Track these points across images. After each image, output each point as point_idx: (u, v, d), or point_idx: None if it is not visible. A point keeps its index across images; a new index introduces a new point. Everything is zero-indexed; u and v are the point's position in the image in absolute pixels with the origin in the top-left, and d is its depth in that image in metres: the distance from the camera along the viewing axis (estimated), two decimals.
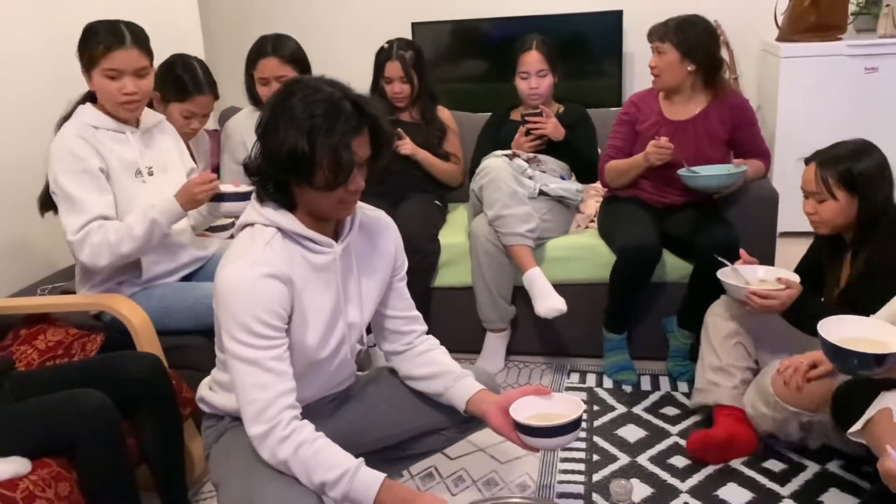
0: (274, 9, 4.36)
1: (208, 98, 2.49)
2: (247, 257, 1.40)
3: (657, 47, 2.55)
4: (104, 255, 1.98)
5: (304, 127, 1.33)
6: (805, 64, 3.58)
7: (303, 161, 1.34)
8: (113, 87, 1.99)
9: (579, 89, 3.78)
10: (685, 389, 2.49)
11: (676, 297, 2.56)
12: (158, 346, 1.98)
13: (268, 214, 1.45)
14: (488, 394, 1.58)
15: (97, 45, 1.97)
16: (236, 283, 1.38)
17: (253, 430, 1.39)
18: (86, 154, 1.98)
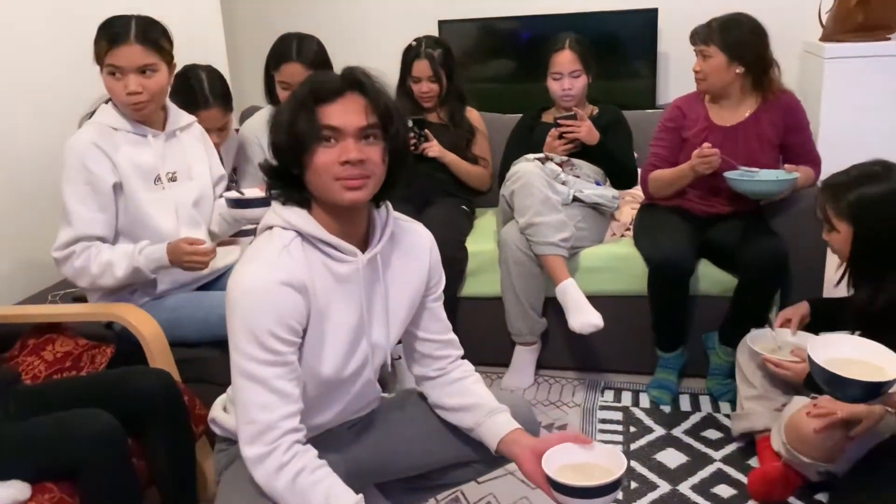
0: (297, 6, 4.25)
1: (215, 112, 2.36)
2: (260, 261, 1.29)
3: (701, 50, 2.40)
4: (84, 280, 1.92)
5: (290, 107, 1.30)
6: (851, 65, 3.40)
7: (290, 142, 1.29)
8: (118, 85, 1.88)
9: (611, 90, 3.63)
10: (727, 410, 2.35)
11: (718, 312, 2.41)
12: (171, 359, 1.87)
13: (287, 216, 1.33)
14: (523, 435, 1.42)
15: (102, 40, 1.87)
16: (247, 289, 1.26)
17: (249, 451, 1.27)
18: (96, 166, 1.88)
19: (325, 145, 1.28)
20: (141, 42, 1.87)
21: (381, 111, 1.31)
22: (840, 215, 1.80)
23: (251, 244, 1.37)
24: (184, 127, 2.09)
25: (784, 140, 2.42)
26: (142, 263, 1.88)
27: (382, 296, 1.43)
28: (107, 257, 1.88)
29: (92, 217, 1.88)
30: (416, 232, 1.51)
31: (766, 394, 2.06)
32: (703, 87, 2.44)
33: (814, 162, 2.47)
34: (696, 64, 2.42)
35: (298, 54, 2.49)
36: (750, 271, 2.26)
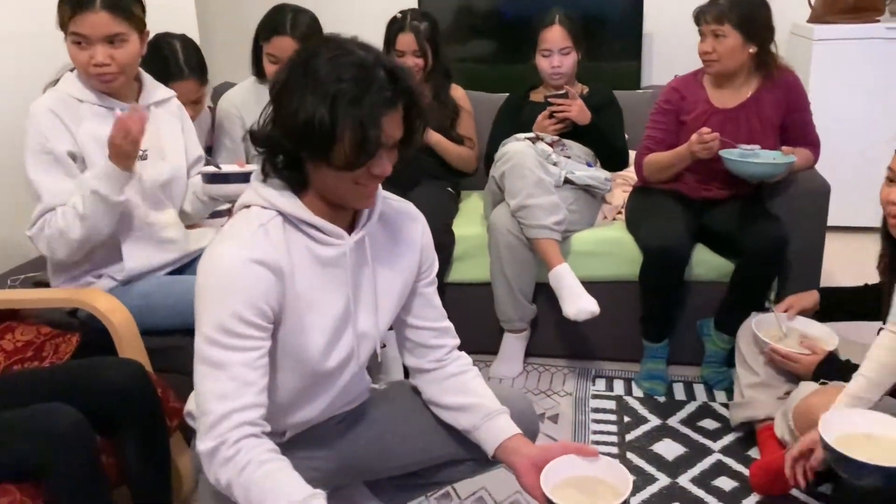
0: None
1: (190, 84, 2.21)
2: (232, 239, 1.19)
3: (714, 30, 2.26)
4: (60, 247, 1.74)
5: (329, 92, 1.11)
6: (840, 47, 3.36)
7: (322, 133, 1.11)
8: (83, 55, 1.72)
9: (596, 71, 3.52)
10: (723, 399, 2.28)
11: (713, 298, 2.34)
12: (142, 348, 1.74)
13: (268, 195, 1.22)
14: (523, 442, 1.32)
15: (65, 5, 1.70)
16: (216, 268, 1.16)
17: (201, 445, 1.15)
18: (52, 133, 1.72)
19: None
20: (109, 8, 1.70)
21: (414, 122, 1.21)
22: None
23: (228, 223, 1.26)
24: (160, 102, 1.93)
25: (784, 119, 2.35)
26: (94, 183, 1.68)
27: (371, 281, 1.32)
28: (69, 204, 1.71)
29: (60, 186, 1.73)
30: (406, 212, 1.40)
31: (768, 381, 1.99)
32: (716, 68, 2.31)
33: (813, 144, 2.40)
34: (706, 44, 2.28)
35: (293, 28, 2.34)
36: (749, 256, 2.19)
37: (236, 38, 2.48)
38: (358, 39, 1.19)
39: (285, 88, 1.15)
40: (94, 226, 1.72)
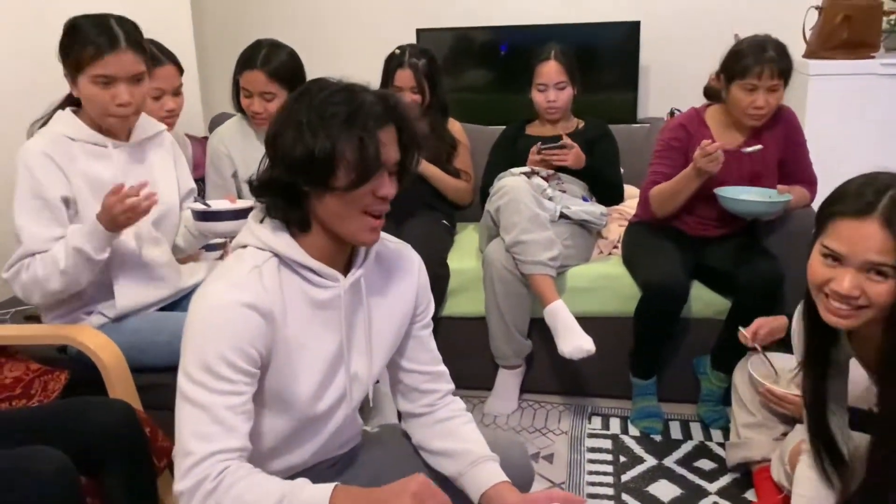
0: (272, 9, 4.11)
1: (170, 70, 2.20)
2: (225, 279, 1.18)
3: (773, 85, 2.20)
4: (36, 293, 1.73)
5: (323, 118, 1.14)
6: (835, 82, 3.36)
7: (322, 157, 1.13)
8: (104, 95, 1.72)
9: (592, 103, 3.55)
10: (720, 438, 2.26)
11: (709, 336, 2.33)
12: (132, 386, 1.73)
13: (263, 236, 1.21)
14: (508, 490, 1.28)
15: (86, 48, 1.68)
16: (206, 308, 1.15)
17: (179, 485, 1.12)
18: (47, 178, 1.71)
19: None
20: (133, 48, 1.72)
21: (408, 145, 1.22)
22: None
23: (222, 262, 1.25)
24: (152, 137, 1.93)
25: (783, 155, 2.35)
26: (78, 241, 1.67)
27: (365, 323, 1.31)
28: (50, 255, 1.70)
29: (43, 233, 1.71)
30: (402, 254, 1.39)
31: (765, 422, 1.97)
32: (760, 123, 2.27)
33: (810, 182, 2.40)
34: (761, 99, 2.20)
35: (263, 63, 2.32)
36: (745, 294, 2.18)
37: (232, 70, 2.48)
38: (345, 80, 1.21)
39: (280, 128, 1.17)
40: (73, 279, 1.72)
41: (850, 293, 1.28)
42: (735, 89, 2.23)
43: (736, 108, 2.26)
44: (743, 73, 2.19)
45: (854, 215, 1.26)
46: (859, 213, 1.26)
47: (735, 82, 2.22)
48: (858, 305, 1.29)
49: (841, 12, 3.32)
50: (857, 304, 1.29)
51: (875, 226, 1.24)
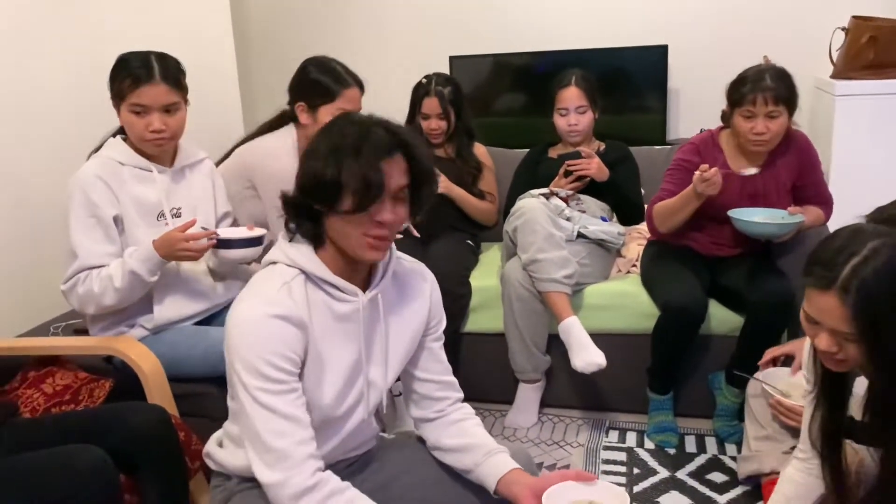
0: (312, 38, 4.30)
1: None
2: (259, 296, 1.31)
3: (770, 112, 2.25)
4: (91, 306, 1.91)
5: (334, 147, 1.28)
6: (862, 102, 3.38)
7: (330, 182, 1.27)
8: (140, 123, 1.91)
9: (623, 124, 3.65)
10: (733, 452, 2.30)
11: (724, 352, 2.38)
12: (169, 394, 1.87)
13: (292, 254, 1.35)
14: (522, 474, 1.39)
15: (125, 79, 1.89)
16: (243, 322, 1.28)
17: (268, 477, 1.26)
18: (99, 198, 1.90)
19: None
20: (165, 81, 1.91)
21: (418, 172, 1.34)
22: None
23: (253, 278, 1.38)
24: (193, 164, 2.11)
25: (797, 180, 2.40)
26: (134, 265, 1.86)
27: (382, 335, 1.43)
28: (105, 272, 1.88)
29: (97, 249, 1.90)
30: (417, 272, 1.52)
31: (775, 435, 2.01)
32: (766, 148, 2.32)
33: (825, 202, 2.44)
34: (760, 125, 2.26)
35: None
36: (757, 311, 2.23)
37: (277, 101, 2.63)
38: (373, 115, 1.35)
39: (303, 158, 1.34)
40: (126, 296, 1.90)
41: (829, 350, 1.35)
42: (736, 116, 2.30)
43: (739, 135, 2.33)
44: (741, 101, 2.27)
45: (817, 287, 1.31)
46: (821, 286, 1.30)
47: (736, 109, 2.30)
48: (839, 359, 1.36)
49: (867, 33, 3.34)
50: (838, 359, 1.36)
51: (834, 299, 1.28)
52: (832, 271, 1.28)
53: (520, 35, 4.00)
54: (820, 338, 1.35)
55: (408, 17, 4.15)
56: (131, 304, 1.96)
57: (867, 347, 1.29)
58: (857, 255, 1.27)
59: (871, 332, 1.27)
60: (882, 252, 1.26)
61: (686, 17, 3.83)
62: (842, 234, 1.34)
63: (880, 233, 1.30)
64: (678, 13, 3.83)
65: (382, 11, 4.18)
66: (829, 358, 1.38)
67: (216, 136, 3.15)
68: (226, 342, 1.30)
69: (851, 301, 1.26)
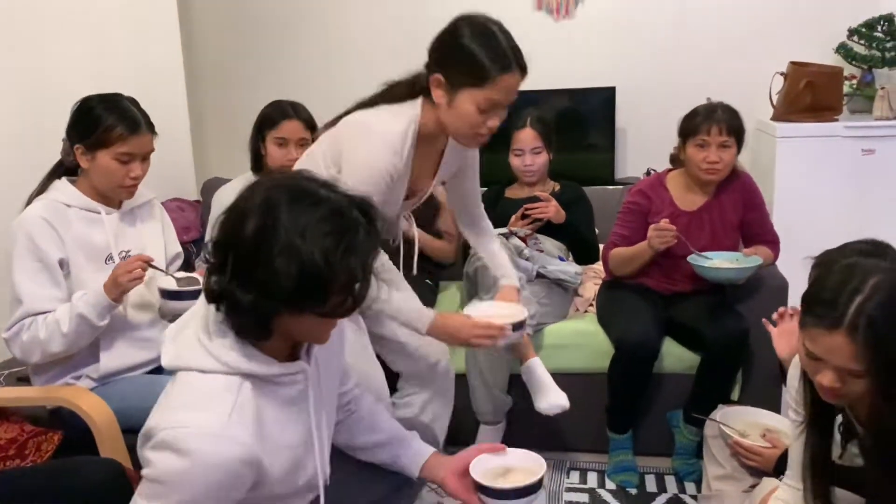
0: (264, 76, 4.26)
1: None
2: (211, 427, 1.10)
3: (723, 141, 2.35)
4: (35, 354, 1.84)
5: (319, 246, 1.09)
6: (802, 144, 3.52)
7: (316, 287, 1.10)
8: (122, 171, 1.90)
9: (574, 164, 3.70)
10: (693, 491, 2.32)
11: (682, 390, 2.41)
12: (123, 446, 1.79)
13: (227, 359, 1.16)
14: (440, 457, 1.50)
15: (112, 130, 1.86)
16: (202, 463, 1.09)
17: None
18: (45, 241, 1.83)
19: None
20: (149, 129, 1.93)
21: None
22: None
23: (177, 387, 1.19)
24: (142, 204, 2.06)
25: (743, 217, 2.48)
26: (83, 309, 1.80)
27: (319, 400, 1.33)
28: (52, 317, 1.82)
29: (43, 293, 1.83)
30: None
31: (734, 474, 2.03)
32: (718, 177, 2.41)
33: (772, 241, 2.52)
34: (713, 154, 2.36)
35: (296, 113, 2.61)
36: (712, 350, 2.28)
37: (227, 136, 2.62)
38: (307, 174, 1.20)
39: (256, 247, 1.10)
40: (74, 342, 1.84)
41: (832, 386, 1.34)
42: (690, 148, 2.39)
43: (692, 166, 2.41)
44: (695, 131, 2.37)
45: (823, 327, 1.29)
46: (827, 326, 1.28)
47: (689, 141, 2.39)
48: (840, 394, 1.36)
49: (804, 78, 3.50)
50: (840, 393, 1.36)
51: (841, 338, 1.27)
52: (836, 310, 1.27)
53: None
54: (824, 374, 1.34)
55: (364, 55, 4.16)
56: (77, 353, 1.88)
57: (877, 381, 1.30)
58: (860, 292, 1.27)
59: (883, 367, 1.27)
60: (883, 287, 1.27)
61: (633, 60, 3.95)
62: (835, 270, 1.33)
63: (877, 268, 1.31)
64: (625, 57, 3.95)
65: (338, 47, 4.18)
66: (830, 393, 1.37)
67: (166, 174, 3.09)
68: (158, 465, 1.13)
69: (861, 339, 1.25)
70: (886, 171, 3.45)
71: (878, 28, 3.63)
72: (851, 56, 3.65)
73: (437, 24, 1.78)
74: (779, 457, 1.93)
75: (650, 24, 3.93)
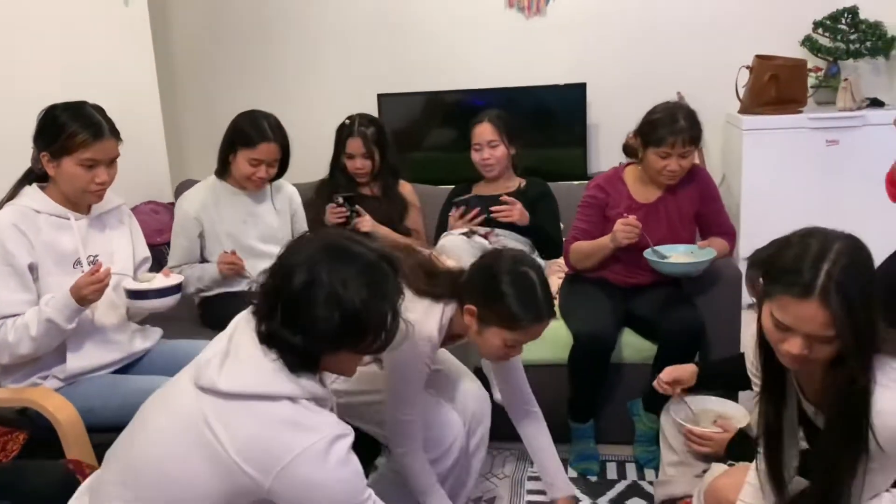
0: (241, 77, 4.32)
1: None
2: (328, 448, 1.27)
3: (685, 152, 2.39)
4: (4, 356, 1.89)
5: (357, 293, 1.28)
6: (768, 136, 3.59)
7: (355, 328, 1.30)
8: (86, 176, 1.93)
9: (547, 160, 3.78)
10: (652, 477, 2.38)
11: (642, 379, 2.46)
12: (88, 446, 1.85)
13: (309, 388, 1.33)
14: None
15: (75, 136, 1.90)
16: (343, 471, 1.29)
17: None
18: (14, 246, 1.88)
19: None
20: (113, 134, 1.96)
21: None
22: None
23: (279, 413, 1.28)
24: (110, 210, 2.11)
25: (699, 209, 2.53)
26: (51, 313, 1.85)
27: None
28: (21, 321, 1.87)
29: (12, 297, 1.88)
30: None
31: (686, 460, 2.10)
32: (674, 182, 2.46)
33: (728, 233, 2.57)
34: (674, 164, 2.39)
35: (274, 135, 2.55)
36: (668, 340, 2.34)
37: (203, 137, 2.65)
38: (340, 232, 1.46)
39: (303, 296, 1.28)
40: (42, 346, 1.89)
41: (801, 353, 1.37)
42: (650, 154, 2.42)
43: (650, 170, 2.45)
44: (658, 143, 2.38)
45: (795, 295, 1.32)
46: (800, 294, 1.31)
47: (650, 148, 2.41)
48: (808, 359, 1.40)
49: (769, 71, 3.56)
50: (807, 359, 1.39)
51: (815, 306, 1.30)
52: (804, 278, 1.30)
53: (446, 74, 4.11)
54: (791, 342, 1.36)
55: (336, 58, 4.22)
56: (45, 354, 1.94)
57: (846, 344, 1.33)
58: (826, 259, 1.30)
59: (852, 331, 1.31)
60: (845, 252, 1.31)
61: (603, 57, 4.01)
62: (793, 241, 1.37)
63: (834, 235, 1.35)
64: (595, 53, 4.02)
65: (312, 53, 4.23)
66: (796, 360, 1.39)
67: (141, 176, 3.15)
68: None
69: (834, 305, 1.28)
70: (850, 161, 3.51)
71: (842, 20, 3.69)
72: (817, 48, 3.71)
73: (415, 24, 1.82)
74: (730, 440, 2.00)
75: (620, 21, 3.99)
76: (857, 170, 3.48)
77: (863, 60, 3.71)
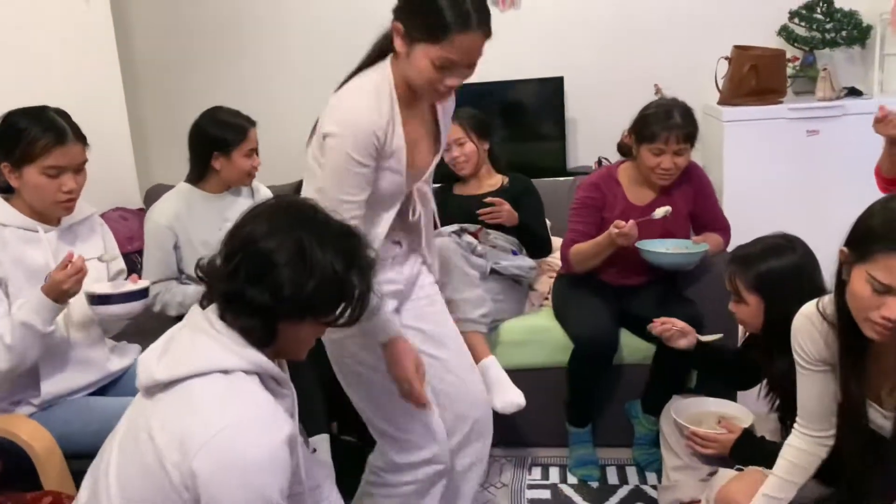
0: (210, 78, 4.16)
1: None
2: (259, 420, 1.17)
3: (680, 149, 2.33)
4: None
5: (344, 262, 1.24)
6: (748, 127, 3.55)
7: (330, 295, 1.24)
8: (52, 185, 1.80)
9: (525, 155, 3.71)
10: (654, 481, 2.33)
11: (639, 380, 2.42)
12: (67, 474, 1.73)
13: (252, 358, 1.22)
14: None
15: (36, 142, 1.77)
16: (262, 457, 1.13)
17: None
18: None
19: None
20: (78, 139, 1.83)
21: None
22: (749, 288, 1.83)
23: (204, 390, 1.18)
24: (81, 221, 1.98)
25: (694, 207, 2.48)
26: (25, 316, 1.72)
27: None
28: None
29: None
30: None
31: (690, 463, 2.05)
32: (669, 182, 2.39)
33: (723, 228, 2.53)
34: (668, 161, 2.33)
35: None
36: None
37: (169, 141, 2.52)
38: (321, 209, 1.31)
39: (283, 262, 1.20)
40: (21, 355, 1.74)
41: None
42: (643, 151, 2.36)
43: (644, 168, 2.39)
44: (651, 139, 2.32)
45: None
46: None
47: (643, 145, 2.35)
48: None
49: (748, 62, 3.52)
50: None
51: None
52: None
53: None
54: (893, 307, 1.33)
55: (305, 58, 4.09)
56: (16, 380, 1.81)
57: None
58: None
59: None
60: None
61: (580, 49, 3.94)
62: (874, 209, 1.40)
63: None
64: (572, 46, 3.94)
65: (279, 52, 4.10)
66: (889, 330, 1.36)
67: (108, 182, 3.00)
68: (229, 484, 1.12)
69: None
70: (831, 151, 3.49)
71: (817, 10, 3.67)
72: (793, 38, 3.70)
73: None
74: (735, 441, 1.95)
75: (596, 13, 3.92)
76: (839, 160, 3.46)
77: (838, 49, 3.70)
